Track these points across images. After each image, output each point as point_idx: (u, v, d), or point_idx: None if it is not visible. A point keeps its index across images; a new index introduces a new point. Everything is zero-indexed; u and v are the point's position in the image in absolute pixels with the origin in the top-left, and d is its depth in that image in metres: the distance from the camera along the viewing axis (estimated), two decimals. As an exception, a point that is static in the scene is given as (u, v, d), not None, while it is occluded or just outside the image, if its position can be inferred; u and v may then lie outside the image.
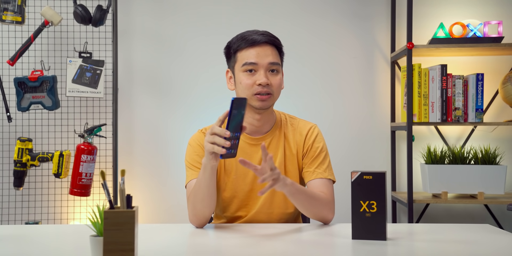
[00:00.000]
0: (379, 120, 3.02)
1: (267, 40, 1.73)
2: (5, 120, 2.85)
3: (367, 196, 1.44)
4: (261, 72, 1.71)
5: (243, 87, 1.72)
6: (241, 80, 1.73)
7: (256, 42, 1.72)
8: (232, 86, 1.80)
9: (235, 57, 1.75)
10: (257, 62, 1.71)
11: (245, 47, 1.73)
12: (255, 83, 1.70)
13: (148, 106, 3.00)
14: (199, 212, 1.64)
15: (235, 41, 1.76)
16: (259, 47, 1.72)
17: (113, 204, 1.20)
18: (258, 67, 1.71)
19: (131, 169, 2.95)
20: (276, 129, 1.81)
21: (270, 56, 1.73)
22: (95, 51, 2.87)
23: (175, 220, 2.91)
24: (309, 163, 1.78)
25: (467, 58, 2.98)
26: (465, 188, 2.69)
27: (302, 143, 1.80)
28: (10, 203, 2.88)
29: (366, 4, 3.01)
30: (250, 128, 1.79)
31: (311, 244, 1.47)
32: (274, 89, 1.73)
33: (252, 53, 1.72)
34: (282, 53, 1.80)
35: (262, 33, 1.75)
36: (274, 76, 1.73)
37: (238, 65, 1.74)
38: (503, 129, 2.96)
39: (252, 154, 1.78)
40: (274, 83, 1.73)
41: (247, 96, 1.72)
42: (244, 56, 1.72)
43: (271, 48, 1.74)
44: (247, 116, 1.77)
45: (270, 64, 1.72)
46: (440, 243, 1.46)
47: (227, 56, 1.81)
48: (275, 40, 1.76)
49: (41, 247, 1.43)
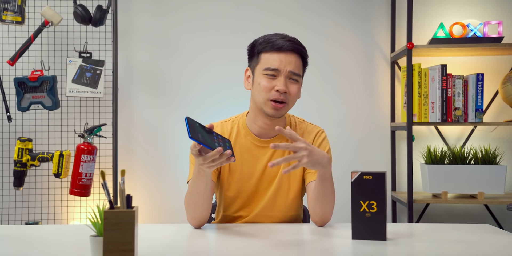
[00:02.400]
0: (379, 120, 3.02)
1: (293, 48, 1.71)
2: (5, 120, 2.85)
3: (367, 196, 1.44)
4: (281, 78, 1.69)
5: (260, 89, 1.70)
6: (260, 81, 1.70)
7: (282, 48, 1.69)
8: (249, 85, 1.77)
9: (258, 58, 1.73)
10: (279, 68, 1.69)
11: (270, 51, 1.70)
12: (274, 89, 1.68)
13: (148, 106, 3.00)
14: (198, 215, 1.64)
15: (261, 42, 1.73)
16: (284, 53, 1.70)
17: (113, 204, 1.20)
18: (279, 73, 1.69)
19: (131, 169, 2.95)
20: None
21: (293, 65, 1.70)
22: (95, 51, 2.87)
23: (175, 220, 2.91)
24: None
25: (467, 58, 2.98)
26: (465, 188, 2.69)
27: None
28: (10, 203, 2.88)
29: (366, 4, 3.01)
30: (259, 130, 1.77)
31: (311, 244, 1.47)
32: (290, 98, 1.70)
33: (275, 59, 1.69)
34: (306, 63, 1.77)
35: (290, 39, 1.73)
36: (292, 85, 1.71)
37: (260, 67, 1.71)
38: (503, 129, 2.96)
39: (259, 156, 1.77)
40: (292, 92, 1.70)
41: (262, 99, 1.70)
42: (268, 60, 1.70)
43: (296, 56, 1.72)
44: (258, 119, 1.76)
45: (290, 72, 1.70)
46: (440, 243, 1.46)
47: (250, 55, 1.78)
48: (301, 49, 1.73)
49: (41, 247, 1.43)
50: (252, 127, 1.78)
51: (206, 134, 1.41)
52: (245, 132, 1.79)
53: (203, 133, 1.40)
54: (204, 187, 1.59)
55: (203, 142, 1.36)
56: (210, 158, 1.41)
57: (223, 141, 1.47)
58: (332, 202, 1.67)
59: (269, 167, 1.47)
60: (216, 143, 1.41)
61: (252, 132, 1.79)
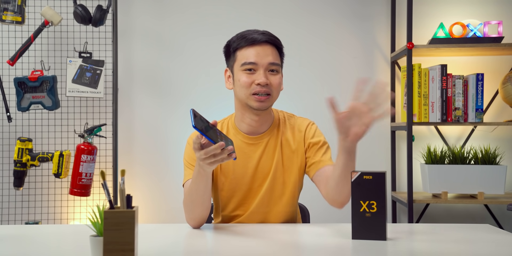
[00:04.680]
0: (379, 120, 3.01)
1: (268, 40, 1.72)
2: (5, 120, 2.85)
3: (367, 196, 1.44)
4: (260, 71, 1.69)
5: (241, 86, 1.70)
6: (239, 78, 1.71)
7: (256, 41, 1.70)
8: (230, 85, 1.78)
9: (235, 56, 1.74)
10: (257, 61, 1.69)
11: (244, 46, 1.71)
12: (254, 83, 1.69)
13: (148, 106, 3.00)
14: (197, 215, 1.64)
15: (235, 40, 1.75)
16: (259, 46, 1.71)
17: (113, 204, 1.20)
18: (258, 66, 1.70)
19: (131, 169, 2.95)
20: (274, 128, 1.80)
21: (270, 56, 1.71)
22: (95, 51, 2.87)
23: (175, 220, 2.91)
24: (313, 155, 1.76)
25: (467, 58, 2.97)
26: (465, 188, 2.69)
27: (302, 139, 1.79)
28: (10, 203, 2.88)
29: (366, 4, 3.01)
30: (248, 128, 1.78)
31: (311, 244, 1.47)
32: (273, 89, 1.71)
33: (251, 53, 1.70)
34: (282, 53, 1.78)
35: (263, 32, 1.74)
36: (273, 76, 1.71)
37: (237, 64, 1.72)
38: (503, 129, 2.96)
39: (250, 153, 1.77)
40: (274, 83, 1.71)
41: (244, 95, 1.71)
42: (244, 55, 1.71)
43: (271, 48, 1.73)
44: (245, 116, 1.76)
45: (270, 64, 1.70)
46: (440, 243, 1.46)
47: (226, 55, 1.79)
48: (275, 40, 1.75)
49: (41, 247, 1.43)
50: (241, 126, 1.79)
51: (210, 129, 1.41)
52: (234, 131, 1.80)
53: (206, 126, 1.40)
54: (204, 188, 1.59)
55: (205, 133, 1.36)
56: (211, 152, 1.40)
57: (226, 139, 1.47)
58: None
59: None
60: (219, 138, 1.41)
61: (241, 130, 1.79)
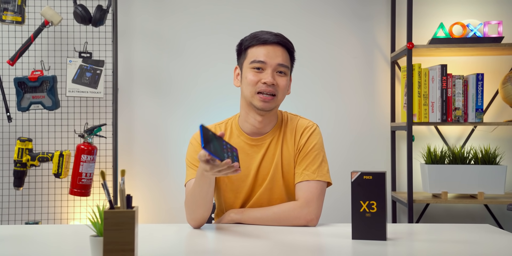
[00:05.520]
0: (379, 120, 3.02)
1: (279, 41, 1.72)
2: (5, 120, 2.85)
3: (367, 196, 1.43)
4: (268, 71, 1.70)
5: (247, 83, 1.71)
6: (247, 76, 1.71)
7: (268, 41, 1.71)
8: (238, 82, 1.78)
9: (246, 53, 1.75)
10: (266, 61, 1.70)
11: (256, 45, 1.72)
12: (260, 81, 1.69)
13: (148, 106, 3.00)
14: (198, 216, 1.64)
15: (247, 39, 1.76)
16: (271, 46, 1.71)
17: (113, 204, 1.20)
18: (266, 66, 1.70)
19: (131, 169, 2.95)
20: (277, 129, 1.79)
21: (280, 57, 1.71)
22: (95, 51, 2.86)
23: (175, 220, 2.91)
24: (298, 164, 1.75)
25: (467, 58, 2.97)
26: (465, 188, 2.69)
27: (297, 141, 1.78)
28: (10, 203, 2.88)
29: (366, 4, 3.01)
30: (251, 129, 1.78)
31: (311, 244, 1.47)
32: (279, 90, 1.71)
33: (261, 52, 1.71)
34: (293, 58, 1.78)
35: (276, 34, 1.75)
36: (280, 78, 1.71)
37: (247, 62, 1.73)
38: (503, 129, 2.96)
39: (253, 154, 1.77)
40: (280, 84, 1.71)
41: (250, 93, 1.71)
42: (254, 54, 1.71)
43: (282, 49, 1.73)
44: (249, 116, 1.76)
45: (278, 65, 1.70)
46: (440, 243, 1.46)
47: (238, 53, 1.80)
48: (287, 42, 1.75)
49: (41, 247, 1.43)
50: (244, 126, 1.79)
51: (217, 143, 1.41)
52: (238, 132, 1.79)
53: (214, 143, 1.40)
54: (207, 189, 1.59)
55: (214, 153, 1.36)
56: (217, 168, 1.41)
57: (231, 151, 1.46)
58: (289, 218, 1.68)
59: None
60: (225, 154, 1.41)
61: (245, 131, 1.79)
